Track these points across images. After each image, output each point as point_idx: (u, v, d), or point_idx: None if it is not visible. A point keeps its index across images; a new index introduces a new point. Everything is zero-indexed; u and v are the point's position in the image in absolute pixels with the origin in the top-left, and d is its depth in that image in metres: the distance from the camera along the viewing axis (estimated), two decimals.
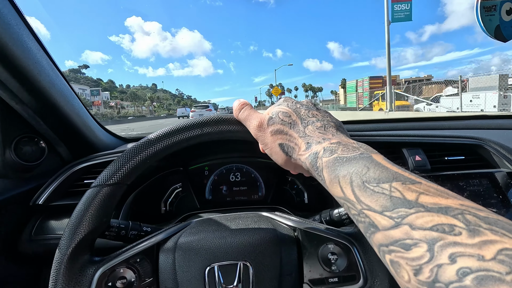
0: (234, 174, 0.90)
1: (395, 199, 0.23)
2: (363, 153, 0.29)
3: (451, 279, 0.18)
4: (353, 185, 0.26)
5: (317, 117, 0.37)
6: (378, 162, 0.27)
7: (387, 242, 0.23)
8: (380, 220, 0.23)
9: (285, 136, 0.37)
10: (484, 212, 0.20)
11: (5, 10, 0.48)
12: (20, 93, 0.57)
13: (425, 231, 0.20)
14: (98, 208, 0.42)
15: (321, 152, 0.31)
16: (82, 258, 0.42)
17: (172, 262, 0.45)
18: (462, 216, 0.20)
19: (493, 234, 0.18)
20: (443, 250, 0.19)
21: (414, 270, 0.20)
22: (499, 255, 0.17)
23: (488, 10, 0.48)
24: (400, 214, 0.22)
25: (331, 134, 0.34)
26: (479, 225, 0.19)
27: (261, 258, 0.45)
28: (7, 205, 0.62)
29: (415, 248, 0.20)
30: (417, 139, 0.76)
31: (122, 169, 0.43)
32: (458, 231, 0.19)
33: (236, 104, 0.44)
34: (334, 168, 0.29)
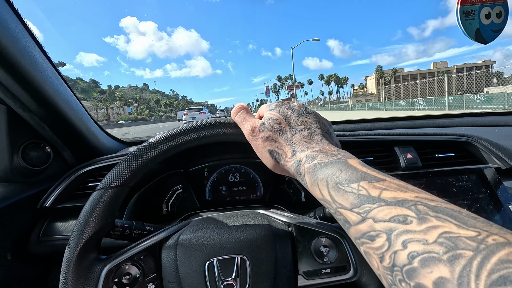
0: (233, 174, 0.93)
1: (362, 196, 0.26)
2: (339, 158, 0.32)
3: (404, 262, 0.20)
4: (328, 187, 0.29)
5: (306, 124, 0.40)
6: (351, 165, 0.30)
7: (358, 235, 0.25)
8: (351, 216, 0.26)
9: (274, 143, 0.40)
10: (435, 202, 0.23)
11: (13, 24, 0.51)
12: (27, 101, 0.60)
13: (384, 223, 0.23)
14: (103, 209, 0.44)
15: (303, 159, 0.34)
16: (89, 257, 0.44)
17: (174, 258, 0.47)
18: (414, 207, 0.22)
19: (437, 220, 0.21)
20: (397, 238, 0.21)
21: (379, 258, 0.23)
22: (440, 238, 0.19)
23: (468, 14, 0.50)
24: (365, 210, 0.25)
25: (315, 143, 0.37)
26: (427, 213, 0.21)
27: (257, 252, 0.47)
28: (16, 208, 0.65)
29: (377, 238, 0.23)
30: (409, 138, 0.79)
31: (125, 172, 0.46)
32: (410, 220, 0.22)
33: (235, 107, 0.48)
34: (314, 173, 0.32)
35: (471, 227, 0.19)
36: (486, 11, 0.49)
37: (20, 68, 0.53)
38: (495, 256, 0.17)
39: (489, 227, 0.19)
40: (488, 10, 0.49)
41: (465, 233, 0.19)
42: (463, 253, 0.18)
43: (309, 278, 0.49)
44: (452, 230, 0.19)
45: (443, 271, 0.18)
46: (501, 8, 0.51)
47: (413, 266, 0.20)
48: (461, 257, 0.18)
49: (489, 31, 0.53)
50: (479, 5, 0.53)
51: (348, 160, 0.31)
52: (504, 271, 0.16)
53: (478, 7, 0.53)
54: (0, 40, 0.48)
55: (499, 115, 1.16)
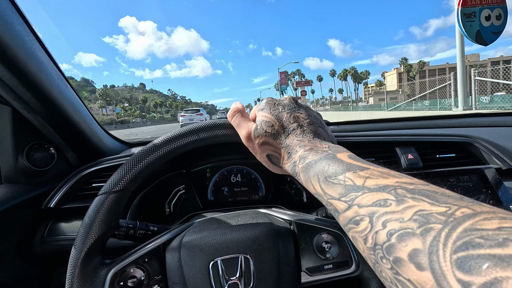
0: (235, 175, 0.93)
1: (348, 186, 0.28)
2: (328, 154, 0.34)
3: (384, 240, 0.22)
4: (319, 181, 0.32)
5: (298, 120, 0.41)
6: (338, 159, 0.32)
7: (346, 222, 0.28)
8: (339, 205, 0.28)
9: (270, 147, 0.41)
10: (413, 185, 0.25)
11: (20, 27, 0.52)
12: (32, 103, 0.60)
13: (368, 208, 0.25)
14: (106, 214, 0.45)
15: (298, 161, 0.37)
16: (94, 261, 0.45)
17: (178, 260, 0.48)
18: (394, 191, 0.24)
19: (413, 200, 0.23)
20: (378, 219, 0.23)
21: (364, 240, 0.25)
22: (414, 216, 0.21)
23: (468, 16, 0.50)
24: (351, 198, 0.27)
25: (307, 140, 0.38)
26: (405, 195, 0.24)
27: (260, 250, 0.48)
28: (21, 208, 0.65)
29: (361, 222, 0.25)
30: (410, 138, 0.79)
31: (126, 176, 0.46)
32: (389, 203, 0.24)
33: (231, 108, 0.48)
34: (307, 171, 0.34)
35: (443, 203, 0.21)
36: (486, 13, 0.49)
37: (26, 70, 0.54)
38: (461, 226, 0.19)
39: (460, 202, 0.21)
40: (488, 12, 0.49)
41: (437, 209, 0.21)
42: (434, 226, 0.20)
43: (312, 274, 0.49)
44: (425, 208, 0.21)
45: (416, 243, 0.20)
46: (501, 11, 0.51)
47: (391, 242, 0.22)
48: (431, 230, 0.20)
49: (489, 33, 0.53)
50: (480, 7, 0.53)
51: (336, 155, 0.33)
52: (467, 238, 0.18)
53: (478, 9, 0.53)
54: (7, 43, 0.48)
55: (500, 115, 1.17)
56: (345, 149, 0.35)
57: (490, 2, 2.69)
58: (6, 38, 0.48)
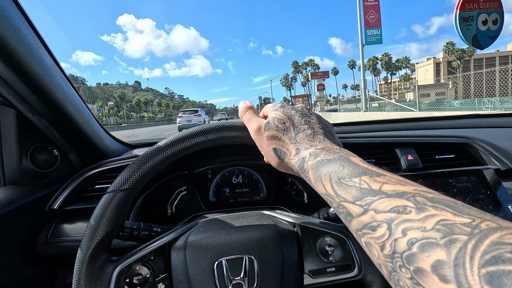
0: (236, 176, 0.94)
1: (364, 190, 0.27)
2: (341, 156, 0.33)
3: (404, 249, 0.22)
4: (332, 182, 0.31)
5: (309, 124, 0.42)
6: (353, 162, 0.32)
7: (360, 227, 0.27)
8: (353, 209, 0.28)
9: (278, 141, 0.41)
10: (432, 194, 0.24)
11: (26, 31, 0.53)
12: (37, 105, 0.61)
13: (385, 214, 0.24)
14: (114, 211, 0.46)
15: (307, 157, 0.36)
16: (101, 258, 0.46)
17: (183, 259, 0.49)
18: (413, 198, 0.24)
19: (434, 209, 0.22)
20: (398, 227, 0.23)
21: (380, 247, 0.24)
22: (437, 225, 0.21)
23: (466, 20, 0.51)
24: (367, 202, 0.26)
25: (318, 141, 0.38)
26: (425, 203, 0.23)
27: (265, 252, 0.49)
28: (25, 210, 0.66)
29: (379, 228, 0.24)
30: (409, 139, 0.80)
31: (134, 175, 0.47)
32: (409, 210, 0.23)
33: (241, 106, 0.50)
34: (317, 169, 0.34)
35: (466, 214, 0.21)
36: (483, 17, 0.50)
37: (32, 73, 0.54)
38: (488, 239, 0.18)
39: (483, 215, 0.21)
40: (485, 17, 0.50)
41: (461, 220, 0.20)
42: (459, 238, 0.19)
43: (314, 277, 0.50)
44: (448, 218, 0.21)
45: (440, 254, 0.19)
46: (497, 16, 0.52)
47: (413, 252, 0.21)
48: (457, 241, 0.19)
49: (486, 37, 0.54)
50: (477, 12, 0.55)
51: (350, 158, 0.33)
52: (495, 252, 0.17)
53: (476, 13, 0.55)
54: (14, 46, 0.49)
55: (498, 117, 1.18)
56: (355, 154, 0.35)
57: (488, 6, 2.73)
58: (13, 42, 0.49)
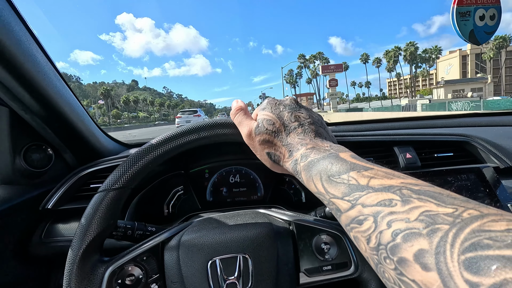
0: (233, 175, 0.93)
1: (352, 185, 0.28)
2: (331, 153, 0.33)
3: (388, 240, 0.22)
4: (322, 180, 0.31)
5: (299, 120, 0.41)
6: (341, 158, 0.32)
7: (348, 222, 0.27)
8: (342, 204, 0.28)
9: (271, 145, 0.41)
10: (418, 186, 0.25)
11: (17, 27, 0.52)
12: (30, 103, 0.60)
13: (372, 207, 0.25)
14: (106, 211, 0.45)
15: (299, 159, 0.36)
16: (92, 258, 0.45)
17: (176, 259, 0.48)
18: (399, 191, 0.24)
19: (419, 201, 0.23)
20: (383, 219, 0.23)
21: (366, 240, 0.25)
22: (420, 216, 0.21)
23: (463, 15, 0.51)
24: (355, 197, 0.27)
25: (308, 139, 0.38)
26: (410, 196, 0.23)
27: (259, 250, 0.48)
28: (18, 210, 0.65)
29: (365, 222, 0.25)
30: (408, 138, 0.80)
31: (126, 174, 0.46)
32: (394, 203, 0.23)
33: (233, 107, 0.48)
34: (309, 170, 0.34)
35: (450, 204, 0.21)
36: (480, 12, 0.49)
37: (23, 70, 0.53)
38: (469, 227, 0.18)
39: (466, 203, 0.21)
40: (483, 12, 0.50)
41: (444, 210, 0.21)
42: (441, 227, 0.20)
43: (310, 275, 0.49)
44: (432, 209, 0.21)
45: (423, 244, 0.20)
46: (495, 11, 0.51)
47: (396, 242, 0.21)
48: (438, 230, 0.20)
49: (483, 32, 0.53)
50: (474, 7, 0.54)
51: (339, 154, 0.33)
52: (475, 239, 0.17)
53: (473, 8, 0.54)
54: (4, 43, 0.48)
55: (497, 115, 1.17)
56: (346, 149, 0.35)
57: (485, 2, 2.72)
58: (3, 38, 0.48)
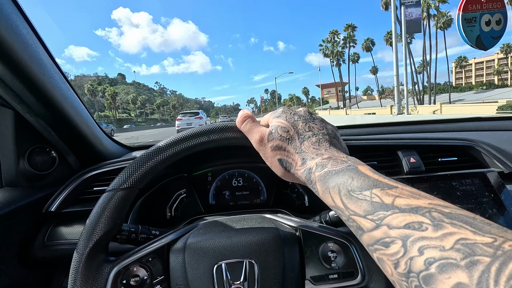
0: (236, 179, 0.93)
1: (375, 203, 0.26)
2: (350, 165, 0.32)
3: (421, 268, 0.21)
4: (341, 195, 0.30)
5: (313, 130, 0.40)
6: (362, 172, 0.30)
7: (372, 242, 0.26)
8: (364, 223, 0.27)
9: (283, 152, 0.40)
10: (448, 208, 0.23)
11: (24, 31, 0.52)
12: (35, 106, 0.60)
13: (399, 230, 0.23)
14: (113, 211, 0.45)
15: (314, 167, 0.35)
16: (98, 258, 0.45)
17: (182, 261, 0.47)
18: (429, 214, 0.23)
19: (452, 226, 0.21)
20: (413, 244, 0.22)
21: (394, 264, 0.23)
22: (456, 245, 0.20)
23: (469, 21, 0.51)
24: (380, 217, 0.25)
25: (324, 149, 0.37)
26: (442, 220, 0.22)
27: (266, 256, 0.47)
28: (22, 212, 0.65)
29: (392, 245, 0.23)
30: (412, 142, 0.80)
31: (135, 174, 0.46)
32: (425, 227, 0.22)
33: (240, 115, 0.47)
34: (325, 181, 0.32)
35: (487, 233, 0.20)
36: (486, 18, 0.49)
37: (30, 73, 0.54)
38: None
39: (505, 233, 0.20)
40: (489, 18, 0.50)
41: (481, 239, 0.19)
42: (481, 259, 0.18)
43: (316, 283, 0.49)
44: (468, 237, 0.20)
45: (461, 277, 0.18)
46: (501, 16, 0.51)
47: (430, 272, 0.20)
48: (479, 263, 0.18)
49: (489, 37, 0.53)
50: (480, 13, 0.54)
51: (358, 167, 0.31)
52: None
53: (479, 14, 0.54)
54: (12, 45, 0.48)
55: (500, 120, 1.17)
56: (362, 162, 0.34)
57: (491, 7, 2.70)
58: (10, 40, 0.48)
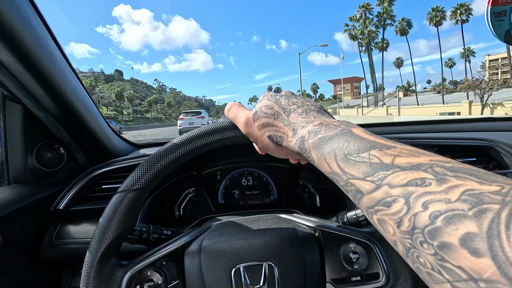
0: (246, 178, 0.91)
1: (374, 164, 0.25)
2: (343, 129, 0.31)
3: (426, 223, 0.20)
4: (337, 159, 0.28)
5: (297, 103, 0.39)
6: (357, 135, 0.29)
7: (372, 204, 0.25)
8: (364, 185, 0.25)
9: (271, 127, 0.39)
10: (450, 163, 0.22)
11: (35, 22, 0.50)
12: (45, 101, 0.59)
13: (401, 188, 0.22)
14: (125, 212, 0.43)
15: (306, 135, 0.33)
16: (111, 262, 0.43)
17: (198, 264, 0.45)
18: (431, 169, 0.22)
19: (457, 179, 0.20)
20: (417, 200, 0.21)
21: (397, 223, 0.22)
22: (463, 196, 0.19)
23: (498, 15, 0.49)
24: (380, 177, 0.24)
25: (313, 117, 0.36)
26: (445, 174, 0.21)
27: (285, 258, 0.46)
28: (29, 210, 0.63)
29: (394, 204, 0.22)
30: (429, 142, 0.77)
31: (147, 174, 0.44)
32: (428, 182, 0.21)
33: (227, 105, 0.47)
34: (320, 147, 0.31)
35: (493, 182, 0.19)
36: None
37: (40, 66, 0.52)
38: None
39: (510, 181, 0.19)
40: None
41: (488, 188, 0.19)
42: (490, 207, 0.18)
43: (338, 286, 0.47)
44: (474, 187, 0.19)
45: (470, 227, 0.18)
46: None
47: (436, 226, 0.19)
48: (488, 211, 0.18)
49: None
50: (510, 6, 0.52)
51: (353, 130, 0.30)
52: None
53: (509, 8, 0.52)
54: (23, 37, 0.47)
55: None
56: (356, 124, 0.33)
57: None
58: (22, 31, 0.46)
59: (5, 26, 0.44)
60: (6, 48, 0.46)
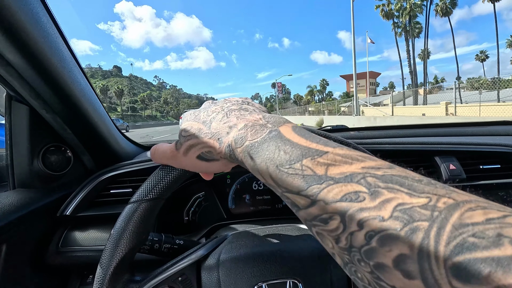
0: (257, 182, 0.88)
1: (308, 177, 0.24)
2: (271, 130, 0.28)
3: (362, 243, 0.20)
4: (269, 171, 0.27)
5: (217, 110, 0.36)
6: (287, 139, 0.27)
7: (310, 218, 0.24)
8: (299, 200, 0.24)
9: (197, 147, 0.35)
10: (381, 170, 0.21)
11: (44, 19, 0.47)
12: (53, 102, 0.56)
13: (336, 204, 0.21)
14: (138, 224, 0.40)
15: (233, 143, 0.30)
16: (123, 277, 0.40)
17: (216, 281, 0.43)
18: (364, 180, 0.21)
19: (388, 192, 0.20)
20: (352, 219, 0.20)
21: (335, 240, 0.22)
22: (395, 212, 0.19)
23: None
24: (314, 192, 0.23)
25: (235, 118, 0.32)
26: (378, 185, 0.20)
27: (311, 275, 0.43)
28: (35, 216, 0.60)
29: (331, 221, 0.22)
30: (450, 147, 0.74)
31: (161, 183, 0.41)
32: (362, 197, 0.20)
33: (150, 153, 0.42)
34: (250, 157, 0.29)
35: (421, 193, 0.19)
36: None
37: (50, 65, 0.49)
38: (449, 223, 0.17)
39: (436, 189, 0.19)
40: None
41: (417, 201, 0.19)
42: (419, 225, 0.17)
43: None
44: (405, 201, 0.19)
45: (402, 248, 0.18)
46: None
47: (372, 246, 0.19)
48: (418, 230, 0.17)
49: None
50: None
51: (281, 132, 0.28)
52: (459, 238, 0.16)
53: None
54: (33, 34, 0.44)
55: None
56: (283, 118, 0.30)
57: None
58: (31, 28, 0.43)
59: (14, 23, 0.41)
60: (14, 47, 0.43)
